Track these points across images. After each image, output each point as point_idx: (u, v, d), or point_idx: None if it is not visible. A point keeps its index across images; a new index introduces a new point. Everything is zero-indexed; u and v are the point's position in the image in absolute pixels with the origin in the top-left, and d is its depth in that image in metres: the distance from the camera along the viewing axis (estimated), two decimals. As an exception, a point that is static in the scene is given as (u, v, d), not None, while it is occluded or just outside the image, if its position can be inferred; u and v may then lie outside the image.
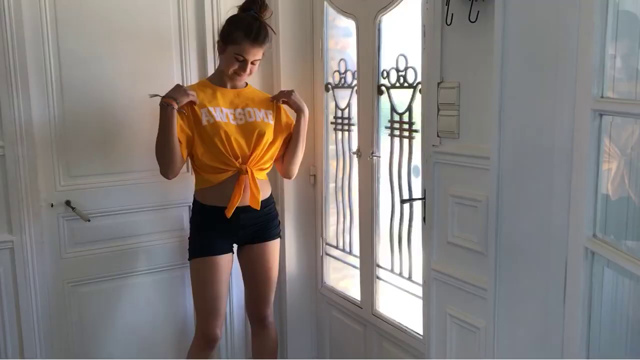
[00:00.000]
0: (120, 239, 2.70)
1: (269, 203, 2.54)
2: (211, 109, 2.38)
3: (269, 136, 2.45)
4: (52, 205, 2.54)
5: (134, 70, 2.64)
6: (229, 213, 2.38)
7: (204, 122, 2.35)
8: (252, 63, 2.40)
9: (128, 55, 2.62)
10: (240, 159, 2.39)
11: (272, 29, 2.44)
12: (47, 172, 2.52)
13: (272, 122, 2.49)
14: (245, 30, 2.33)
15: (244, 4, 2.46)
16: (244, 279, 2.65)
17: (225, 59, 2.40)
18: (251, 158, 2.41)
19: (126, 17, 2.61)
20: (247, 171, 2.39)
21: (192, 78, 2.76)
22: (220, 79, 2.47)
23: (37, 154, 2.47)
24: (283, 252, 3.03)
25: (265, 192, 2.50)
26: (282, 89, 2.87)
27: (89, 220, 2.55)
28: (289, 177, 2.66)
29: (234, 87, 2.49)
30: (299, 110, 2.52)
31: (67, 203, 2.56)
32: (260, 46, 2.37)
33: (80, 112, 2.56)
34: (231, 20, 2.40)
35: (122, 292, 2.74)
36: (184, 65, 2.75)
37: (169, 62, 2.72)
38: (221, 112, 2.40)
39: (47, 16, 2.45)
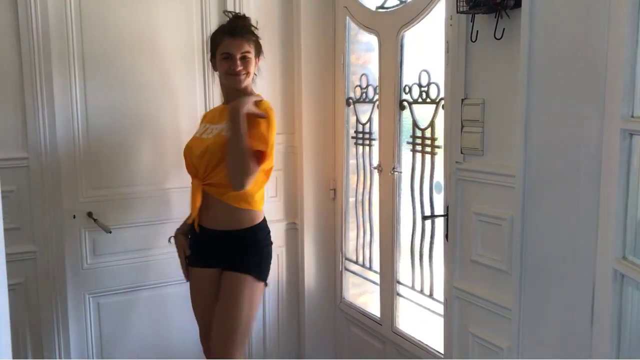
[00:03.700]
0: (141, 250, 2.71)
1: (244, 235, 2.29)
2: (201, 125, 2.39)
3: (214, 151, 2.22)
4: (74, 217, 2.56)
5: (157, 85, 2.66)
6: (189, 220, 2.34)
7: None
8: (243, 59, 2.24)
9: (151, 70, 2.65)
10: (197, 175, 2.29)
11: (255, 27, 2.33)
12: (70, 183, 2.54)
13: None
14: (221, 29, 2.29)
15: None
16: None
17: (218, 68, 2.29)
18: (202, 174, 2.26)
19: (150, 34, 2.63)
20: (201, 187, 2.27)
21: (215, 93, 2.76)
22: (226, 96, 2.35)
23: (61, 165, 2.50)
24: (302, 266, 3.02)
25: (240, 222, 2.28)
26: (302, 102, 2.89)
27: (110, 232, 2.57)
28: (233, 189, 2.18)
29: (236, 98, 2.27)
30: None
31: (89, 214, 2.58)
32: (242, 37, 2.24)
33: (103, 125, 2.58)
34: (211, 35, 2.35)
35: (143, 303, 2.75)
36: (206, 80, 2.77)
37: (191, 77, 2.74)
38: (202, 127, 2.36)
39: (73, 32, 2.48)
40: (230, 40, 2.24)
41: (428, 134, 2.42)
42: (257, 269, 2.30)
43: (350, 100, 2.92)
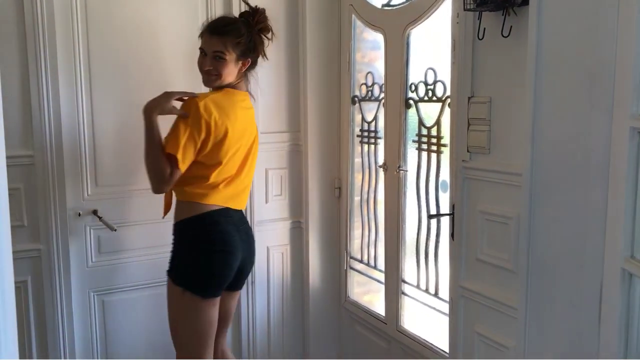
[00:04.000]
0: (146, 248, 2.70)
1: (178, 229, 2.19)
2: None
3: None
4: (79, 215, 2.55)
5: (163, 81, 2.65)
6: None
7: None
8: (217, 59, 2.11)
9: (157, 67, 2.64)
10: None
11: (258, 35, 2.20)
12: (75, 181, 2.54)
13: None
14: (208, 23, 2.17)
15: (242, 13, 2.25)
16: None
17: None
18: None
19: (156, 31, 2.63)
20: None
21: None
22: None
23: (66, 163, 2.50)
24: (307, 265, 3.02)
25: (178, 215, 2.19)
26: (307, 100, 2.89)
27: (115, 230, 2.57)
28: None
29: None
30: None
31: (94, 212, 2.58)
32: (218, 37, 2.10)
33: (108, 122, 2.58)
34: None
35: (147, 302, 2.74)
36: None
37: (196, 75, 2.72)
38: None
39: (79, 29, 2.48)
40: (207, 37, 2.14)
41: (434, 132, 2.41)
42: (173, 271, 2.15)
43: (356, 99, 2.91)
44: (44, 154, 2.44)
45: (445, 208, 2.37)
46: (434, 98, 2.39)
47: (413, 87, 2.49)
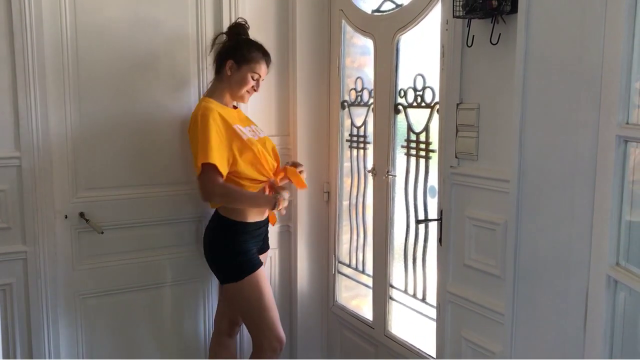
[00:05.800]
0: (133, 252, 2.69)
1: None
2: (237, 126, 2.45)
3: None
4: (66, 217, 2.53)
5: (152, 83, 2.65)
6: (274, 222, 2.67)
7: (244, 137, 2.43)
8: (259, 81, 2.53)
9: (146, 70, 2.63)
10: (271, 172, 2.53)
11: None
12: (62, 183, 2.52)
13: None
14: (261, 51, 2.51)
15: (234, 27, 2.58)
16: None
17: (239, 79, 2.48)
18: (274, 170, 2.56)
19: (145, 32, 2.62)
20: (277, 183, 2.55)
21: (210, 93, 2.76)
22: (222, 99, 2.52)
23: (53, 165, 2.48)
24: (295, 269, 3.02)
25: None
26: (297, 105, 2.90)
27: (102, 233, 2.55)
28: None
29: (232, 107, 2.59)
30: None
31: (81, 215, 2.56)
32: (269, 65, 2.56)
33: (96, 124, 2.56)
34: (243, 43, 2.51)
35: (134, 305, 2.73)
36: (200, 80, 2.75)
37: (186, 77, 2.73)
38: (244, 130, 2.48)
39: (67, 29, 2.46)
40: (264, 66, 2.52)
41: (423, 138, 2.42)
42: None
43: (345, 104, 2.92)
44: (31, 156, 2.42)
45: (433, 213, 2.37)
46: (423, 104, 2.40)
47: (402, 93, 2.50)
